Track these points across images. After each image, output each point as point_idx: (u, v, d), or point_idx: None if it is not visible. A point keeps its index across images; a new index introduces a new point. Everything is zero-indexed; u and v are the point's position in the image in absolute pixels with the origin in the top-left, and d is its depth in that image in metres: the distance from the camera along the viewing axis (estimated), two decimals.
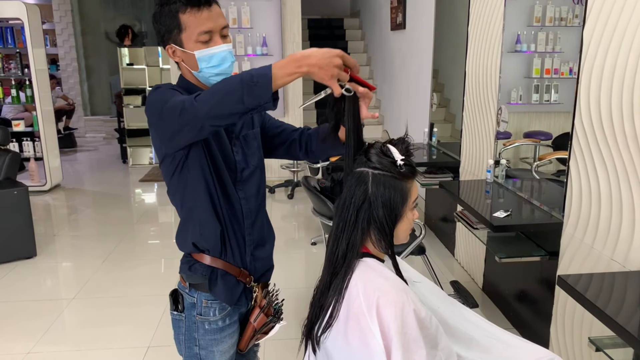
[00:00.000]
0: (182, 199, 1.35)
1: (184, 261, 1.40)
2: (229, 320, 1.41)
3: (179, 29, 1.25)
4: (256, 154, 1.43)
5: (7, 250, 3.74)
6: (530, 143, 3.13)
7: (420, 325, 1.08)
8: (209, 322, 1.38)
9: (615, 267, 1.91)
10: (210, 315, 1.38)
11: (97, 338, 2.80)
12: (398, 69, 5.79)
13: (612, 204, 1.94)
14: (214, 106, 1.08)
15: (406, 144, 1.19)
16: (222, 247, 1.36)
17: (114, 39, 8.41)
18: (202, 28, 1.24)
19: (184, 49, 1.27)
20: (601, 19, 1.96)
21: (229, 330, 1.41)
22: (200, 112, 1.09)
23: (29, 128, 5.76)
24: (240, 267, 1.39)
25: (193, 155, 1.28)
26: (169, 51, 1.30)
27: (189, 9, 1.23)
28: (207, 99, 1.09)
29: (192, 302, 1.38)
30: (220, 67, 1.29)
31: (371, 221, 1.14)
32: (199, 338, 1.39)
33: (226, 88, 1.09)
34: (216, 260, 1.36)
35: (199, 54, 1.26)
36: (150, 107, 1.24)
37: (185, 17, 1.24)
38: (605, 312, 1.43)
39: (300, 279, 3.56)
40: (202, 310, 1.38)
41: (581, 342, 2.13)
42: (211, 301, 1.37)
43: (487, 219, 2.36)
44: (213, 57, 1.27)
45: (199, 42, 1.25)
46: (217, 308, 1.38)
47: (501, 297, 3.05)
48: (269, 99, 1.06)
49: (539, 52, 3.00)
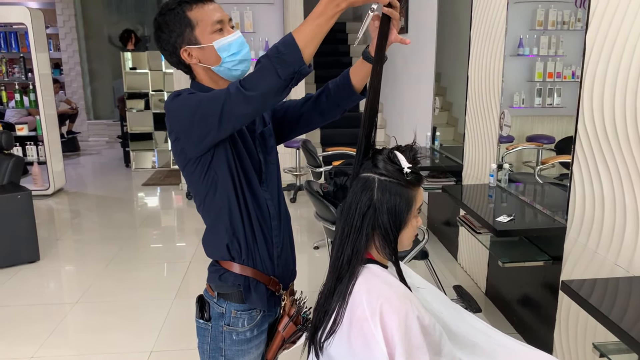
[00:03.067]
0: (210, 201, 1.31)
1: (213, 270, 1.37)
2: (257, 330, 1.38)
3: (190, 27, 1.25)
4: (273, 151, 1.42)
5: (10, 255, 3.74)
6: (533, 147, 3.12)
7: (423, 332, 1.08)
8: (237, 332, 1.34)
9: (619, 272, 1.90)
10: (239, 326, 1.34)
11: (100, 342, 2.80)
12: (400, 73, 5.79)
13: (616, 208, 1.93)
14: (258, 85, 1.09)
15: (414, 151, 1.19)
16: (251, 249, 1.33)
17: (117, 43, 8.45)
18: (213, 18, 1.25)
19: (201, 44, 1.26)
20: (604, 23, 1.96)
21: (257, 340, 1.38)
22: (249, 92, 1.10)
23: (32, 132, 5.78)
24: (269, 275, 1.36)
25: (219, 155, 1.26)
26: (184, 55, 1.28)
27: (194, 5, 1.25)
28: (250, 80, 1.10)
29: (221, 312, 1.34)
30: (241, 53, 1.29)
31: (376, 227, 1.14)
32: (226, 348, 1.35)
33: (260, 69, 1.09)
34: (245, 269, 1.33)
35: (217, 44, 1.26)
36: (176, 114, 1.22)
37: (194, 13, 1.25)
38: (609, 318, 1.43)
39: (303, 283, 3.55)
40: (231, 321, 1.34)
41: (585, 347, 2.12)
42: (241, 312, 1.34)
43: (490, 224, 2.35)
44: (232, 44, 1.27)
45: (214, 32, 1.26)
46: (247, 318, 1.35)
47: (504, 301, 3.04)
48: (301, 63, 1.07)
49: (542, 56, 3.00)
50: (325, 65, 7.69)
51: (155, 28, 1.29)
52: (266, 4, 5.56)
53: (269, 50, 1.10)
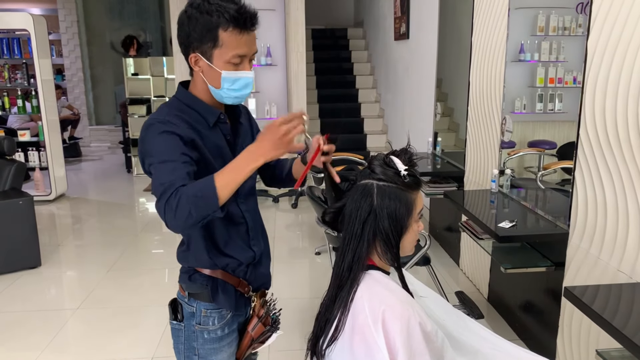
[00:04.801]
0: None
1: (184, 270, 1.41)
2: (228, 329, 1.41)
3: (213, 44, 1.21)
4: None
5: (12, 260, 3.74)
6: (535, 152, 3.12)
7: (425, 339, 1.08)
8: (208, 331, 1.38)
9: (622, 279, 1.89)
10: (210, 325, 1.38)
11: (102, 348, 2.79)
12: (401, 79, 5.80)
13: (619, 213, 1.92)
14: (176, 216, 1.13)
15: (409, 154, 1.18)
16: (227, 261, 1.37)
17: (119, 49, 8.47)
18: (238, 51, 1.22)
19: (212, 64, 1.24)
20: (606, 28, 1.96)
21: (228, 339, 1.42)
22: (168, 220, 1.14)
23: (34, 138, 5.80)
24: (239, 278, 1.40)
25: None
26: (191, 59, 1.26)
27: (231, 28, 1.20)
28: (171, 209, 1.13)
29: (191, 312, 1.39)
30: (240, 92, 1.28)
31: (377, 233, 1.14)
32: (198, 347, 1.39)
33: (179, 204, 1.12)
34: (216, 272, 1.37)
35: (226, 74, 1.24)
36: (142, 148, 1.23)
37: (225, 35, 1.20)
38: (613, 324, 1.42)
39: (304, 290, 3.55)
40: (202, 320, 1.38)
41: (588, 354, 2.11)
42: (210, 310, 1.38)
43: (492, 229, 2.35)
44: (238, 81, 1.26)
45: (230, 63, 1.23)
46: (217, 317, 1.39)
47: (507, 307, 3.03)
48: (215, 209, 1.13)
49: (543, 62, 3.01)
50: (327, 71, 7.72)
51: (185, 14, 1.24)
52: (268, 10, 5.58)
53: (190, 190, 1.12)
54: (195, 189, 1.12)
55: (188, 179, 1.16)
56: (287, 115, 1.16)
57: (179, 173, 1.16)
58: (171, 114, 1.26)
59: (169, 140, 1.20)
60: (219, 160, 1.29)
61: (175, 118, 1.25)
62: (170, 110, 1.28)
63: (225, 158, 1.31)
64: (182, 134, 1.22)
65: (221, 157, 1.31)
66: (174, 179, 1.14)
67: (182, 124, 1.24)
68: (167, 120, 1.23)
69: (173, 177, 1.15)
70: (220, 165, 1.27)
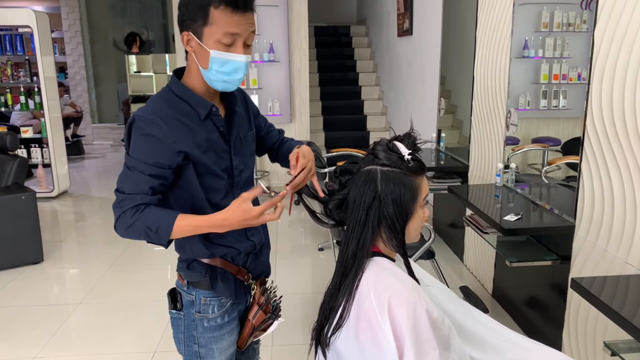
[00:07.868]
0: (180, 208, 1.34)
1: (182, 259, 1.40)
2: (228, 317, 1.39)
3: (204, 21, 1.17)
4: (252, 155, 1.44)
5: (14, 256, 3.73)
6: (539, 148, 3.10)
7: (432, 326, 1.06)
8: (208, 319, 1.37)
9: (629, 270, 1.87)
10: (209, 313, 1.37)
11: (104, 343, 2.78)
12: (405, 75, 5.78)
13: (626, 205, 1.90)
14: (128, 232, 1.21)
15: (412, 138, 1.17)
16: (226, 250, 1.36)
17: (122, 47, 8.48)
18: (228, 29, 1.18)
19: (202, 42, 1.19)
20: (612, 22, 1.94)
21: (228, 327, 1.40)
22: (117, 227, 1.22)
23: (37, 135, 5.79)
24: (239, 266, 1.38)
25: (178, 177, 1.27)
26: (184, 38, 1.23)
27: (222, 6, 1.16)
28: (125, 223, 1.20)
29: (191, 300, 1.37)
30: (230, 76, 1.23)
31: (382, 219, 1.12)
32: (198, 336, 1.38)
33: (132, 226, 1.19)
34: (215, 260, 1.35)
35: (214, 54, 1.19)
36: (127, 145, 1.28)
37: (216, 13, 1.16)
38: (621, 315, 1.40)
39: (307, 285, 3.53)
40: (201, 308, 1.36)
41: (595, 348, 2.09)
42: (210, 298, 1.36)
43: (498, 223, 2.33)
44: (227, 64, 1.21)
45: (220, 42, 1.19)
46: (216, 305, 1.37)
47: (511, 302, 3.01)
48: (163, 243, 1.22)
49: (547, 58, 2.98)
50: (330, 69, 7.71)
51: None
52: (270, 6, 5.56)
53: (148, 219, 1.18)
54: (152, 222, 1.18)
55: (149, 196, 1.20)
56: (267, 203, 1.18)
57: (141, 187, 1.20)
58: (159, 110, 1.23)
59: (146, 144, 1.21)
60: (210, 154, 1.27)
61: (161, 116, 1.22)
62: (160, 104, 1.25)
63: (217, 151, 1.29)
64: (164, 136, 1.20)
65: (213, 150, 1.28)
66: (134, 194, 1.19)
67: (168, 122, 1.21)
68: (151, 120, 1.20)
69: (135, 191, 1.20)
70: (212, 158, 1.27)
